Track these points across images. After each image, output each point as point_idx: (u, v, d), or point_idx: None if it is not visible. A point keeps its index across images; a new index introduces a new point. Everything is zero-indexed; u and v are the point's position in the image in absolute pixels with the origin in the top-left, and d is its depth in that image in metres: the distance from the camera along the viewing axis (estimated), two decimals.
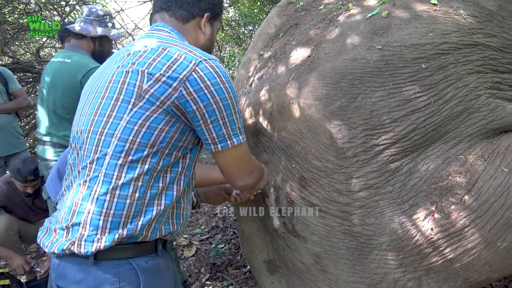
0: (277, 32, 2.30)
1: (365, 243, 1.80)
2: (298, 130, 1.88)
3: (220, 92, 1.25)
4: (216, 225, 3.87)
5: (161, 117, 1.23)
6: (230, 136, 1.31)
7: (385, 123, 1.71)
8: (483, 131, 1.72)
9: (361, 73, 1.75)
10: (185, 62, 1.22)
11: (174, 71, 1.21)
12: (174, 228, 1.37)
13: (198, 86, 1.22)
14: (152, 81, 1.21)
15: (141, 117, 1.21)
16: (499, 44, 1.80)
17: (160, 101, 1.21)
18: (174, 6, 1.42)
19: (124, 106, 1.23)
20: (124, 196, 1.22)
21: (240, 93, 2.35)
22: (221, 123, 1.28)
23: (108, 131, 1.23)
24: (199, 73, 1.22)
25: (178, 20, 1.43)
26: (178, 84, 1.20)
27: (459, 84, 1.70)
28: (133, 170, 1.22)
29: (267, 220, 2.19)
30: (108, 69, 1.34)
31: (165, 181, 1.29)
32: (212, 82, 1.23)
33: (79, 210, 1.23)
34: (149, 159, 1.24)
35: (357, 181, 1.78)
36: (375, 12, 1.85)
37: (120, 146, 1.22)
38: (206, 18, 1.47)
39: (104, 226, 1.21)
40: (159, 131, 1.23)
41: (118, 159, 1.22)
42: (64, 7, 5.67)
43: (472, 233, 1.59)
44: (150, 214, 1.26)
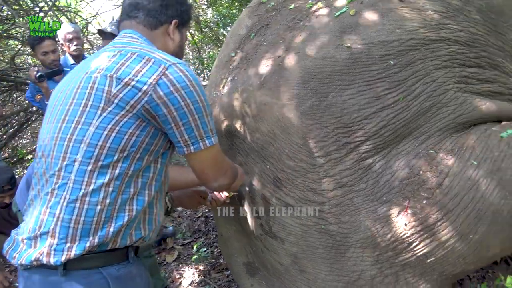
0: (249, 33, 2.28)
1: (341, 241, 1.80)
2: (271, 131, 1.87)
3: (190, 96, 1.25)
4: (198, 228, 3.84)
5: (131, 121, 1.22)
6: (203, 138, 1.31)
7: (356, 121, 1.71)
8: (452, 125, 1.73)
9: (330, 71, 1.75)
10: (154, 66, 1.22)
11: (143, 75, 1.21)
12: (146, 233, 1.35)
13: (168, 89, 1.21)
14: (121, 85, 1.20)
15: (111, 122, 1.20)
16: (465, 38, 1.82)
17: (130, 105, 1.21)
18: (141, 13, 1.42)
19: (93, 112, 1.21)
20: (95, 202, 1.20)
21: (213, 95, 2.33)
22: (193, 125, 1.28)
23: (76, 137, 1.22)
24: (168, 77, 1.22)
25: (146, 27, 1.43)
26: (148, 88, 1.20)
27: (427, 80, 1.72)
28: (104, 176, 1.21)
29: (244, 222, 2.17)
30: (76, 76, 1.32)
31: (137, 186, 1.28)
32: (182, 85, 1.23)
33: (47, 219, 1.20)
34: (120, 164, 1.23)
35: (331, 179, 1.78)
36: (343, 10, 1.85)
37: (89, 152, 1.20)
38: (174, 25, 1.47)
39: (74, 234, 1.19)
40: (129, 136, 1.22)
41: (88, 165, 1.20)
42: (38, 13, 5.57)
43: (445, 227, 1.60)
44: (122, 220, 1.25)
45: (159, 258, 3.47)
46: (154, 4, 1.42)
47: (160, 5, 1.43)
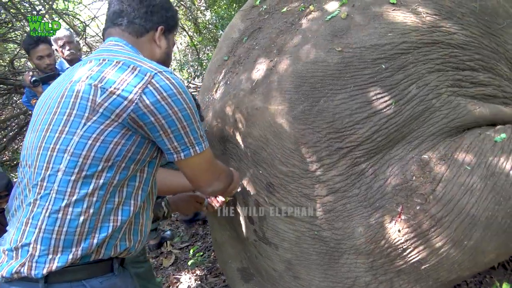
0: (241, 36, 2.27)
1: (335, 248, 1.78)
2: (263, 136, 1.85)
3: (178, 103, 1.23)
4: (196, 232, 3.82)
5: (117, 131, 1.20)
6: (193, 144, 1.30)
7: (348, 126, 1.69)
8: (445, 130, 1.71)
9: (322, 76, 1.72)
10: (140, 75, 1.21)
11: (129, 84, 1.19)
12: (131, 244, 1.33)
13: (155, 98, 1.20)
14: (106, 94, 1.18)
15: (95, 131, 1.19)
16: (459, 41, 1.79)
17: (115, 114, 1.19)
18: (126, 20, 1.41)
19: (77, 121, 1.20)
20: (78, 212, 1.18)
21: (205, 99, 2.31)
22: (182, 132, 1.27)
23: (60, 147, 1.20)
24: (155, 85, 1.20)
25: (132, 35, 1.41)
26: (134, 97, 1.18)
27: (420, 83, 1.69)
28: (87, 186, 1.19)
29: (239, 228, 2.16)
30: (60, 85, 1.30)
31: (122, 196, 1.26)
32: (169, 93, 1.22)
33: (29, 230, 1.18)
34: (104, 174, 1.21)
35: (323, 185, 1.76)
36: (335, 14, 1.83)
37: (73, 161, 1.18)
38: (160, 32, 1.46)
39: (56, 245, 1.17)
40: (114, 145, 1.21)
41: (71, 175, 1.18)
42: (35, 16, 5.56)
43: (439, 233, 1.58)
44: (106, 231, 1.22)
45: (156, 262, 3.45)
46: (139, 11, 1.41)
47: (145, 12, 1.41)
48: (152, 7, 1.43)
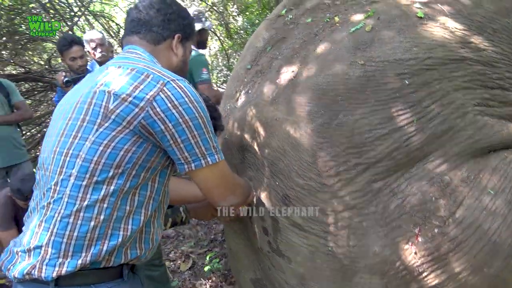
0: (265, 46, 2.25)
1: (349, 266, 1.73)
2: (281, 147, 1.83)
3: (189, 112, 1.23)
4: (215, 238, 3.83)
5: (128, 138, 1.21)
6: (204, 155, 1.28)
7: (367, 142, 1.64)
8: (469, 151, 1.64)
9: (343, 89, 1.69)
10: (152, 82, 1.22)
11: (141, 91, 1.20)
12: (142, 252, 1.33)
13: (166, 106, 1.20)
14: (118, 101, 1.20)
15: (107, 137, 1.20)
16: (488, 58, 1.72)
17: (127, 121, 1.20)
18: (144, 29, 1.42)
19: (90, 127, 1.21)
20: (89, 218, 1.19)
21: (227, 107, 2.31)
22: (193, 142, 1.25)
23: (73, 152, 1.22)
24: (166, 93, 1.21)
25: (149, 43, 1.43)
26: (145, 104, 1.19)
27: (444, 101, 1.63)
28: (98, 192, 1.20)
29: (253, 237, 2.13)
30: (78, 91, 1.33)
31: (133, 205, 1.27)
32: (180, 101, 1.22)
33: (42, 233, 1.21)
34: (115, 180, 1.22)
35: (340, 200, 1.72)
36: (359, 26, 1.79)
37: (84, 167, 1.20)
38: (177, 39, 1.47)
39: (66, 249, 1.19)
40: (124, 152, 1.21)
41: (83, 180, 1.20)
42: (73, 17, 5.75)
43: (457, 258, 1.51)
44: (116, 239, 1.23)
45: (174, 265, 3.48)
46: (157, 19, 1.42)
47: (163, 20, 1.43)
48: (169, 15, 1.44)
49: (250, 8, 6.66)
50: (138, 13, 1.43)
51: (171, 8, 1.46)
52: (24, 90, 6.94)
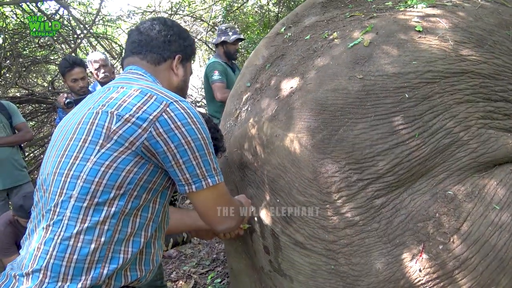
0: (264, 63, 2.25)
1: (352, 284, 1.69)
2: (281, 164, 1.81)
3: (192, 133, 1.23)
4: (217, 257, 3.77)
5: (130, 158, 1.20)
6: (205, 176, 1.27)
7: (368, 157, 1.62)
8: (473, 165, 1.61)
9: (342, 104, 1.67)
10: (155, 103, 1.21)
11: (144, 112, 1.20)
12: (142, 274, 1.30)
13: (169, 126, 1.20)
14: (121, 122, 1.19)
15: (108, 158, 1.19)
16: (490, 71, 1.70)
17: (129, 142, 1.19)
18: (144, 50, 1.43)
19: (92, 148, 1.20)
20: (89, 240, 1.17)
21: (227, 125, 2.30)
22: (194, 163, 1.25)
23: (74, 173, 1.20)
24: (169, 114, 1.21)
25: (150, 63, 1.43)
26: (148, 125, 1.19)
27: (446, 115, 1.61)
28: (99, 213, 1.18)
29: (254, 257, 2.09)
30: (79, 111, 1.32)
31: (134, 227, 1.25)
32: (183, 122, 1.22)
33: (41, 256, 1.17)
34: (116, 202, 1.20)
35: (342, 217, 1.68)
36: (358, 41, 1.79)
37: (85, 188, 1.18)
38: (178, 60, 1.47)
39: (66, 273, 1.16)
40: (126, 172, 1.20)
41: (83, 201, 1.18)
42: (76, 39, 5.82)
43: (463, 275, 1.46)
44: (116, 262, 1.21)
45: (175, 286, 3.41)
46: (157, 41, 1.43)
47: (163, 41, 1.44)
48: (170, 36, 1.45)
49: (251, 27, 6.72)
50: (139, 34, 1.44)
51: (172, 29, 1.47)
52: (27, 112, 6.99)
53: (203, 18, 7.92)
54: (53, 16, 6.03)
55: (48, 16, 6.01)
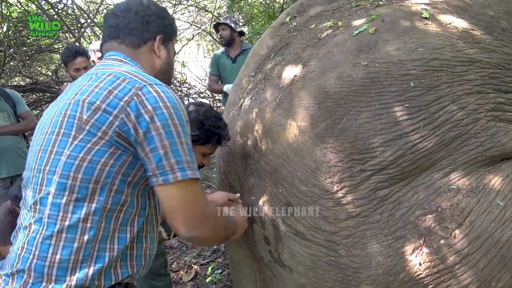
0: (269, 53, 2.22)
1: (351, 276, 1.66)
2: (284, 153, 1.78)
3: (161, 118, 1.12)
4: (218, 248, 3.76)
5: (104, 149, 1.12)
6: (173, 169, 1.12)
7: (372, 147, 1.58)
8: (480, 159, 1.56)
9: (346, 91, 1.64)
10: (127, 87, 1.14)
11: (115, 96, 1.12)
12: (134, 270, 1.24)
13: (139, 111, 1.11)
14: (92, 110, 1.12)
15: (82, 150, 1.12)
16: (499, 60, 1.66)
17: (102, 131, 1.12)
18: (122, 33, 1.35)
19: (65, 140, 1.14)
20: (72, 239, 1.11)
21: (230, 115, 2.27)
22: (161, 152, 1.11)
23: (50, 168, 1.14)
24: (140, 98, 1.12)
25: (129, 47, 1.35)
26: (119, 111, 1.11)
27: (454, 107, 1.56)
28: (79, 210, 1.12)
29: (254, 247, 2.07)
30: (57, 103, 1.26)
31: (117, 223, 1.18)
32: (154, 106, 1.12)
33: (24, 255, 1.13)
34: (96, 197, 1.13)
35: (343, 208, 1.65)
36: (363, 29, 1.75)
37: (62, 183, 1.12)
38: (159, 41, 1.39)
39: (49, 273, 1.11)
40: (102, 165, 1.12)
41: (62, 198, 1.12)
42: (79, 28, 5.79)
43: (464, 271, 1.43)
44: (102, 261, 1.15)
45: (176, 276, 3.41)
46: (135, 23, 1.35)
47: (141, 22, 1.36)
48: (148, 17, 1.37)
49: (256, 18, 6.66)
50: (115, 17, 1.36)
51: (149, 9, 1.38)
52: (31, 100, 6.98)
53: (207, 9, 7.87)
54: (57, 5, 6.00)
55: (52, 4, 5.98)
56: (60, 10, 6.13)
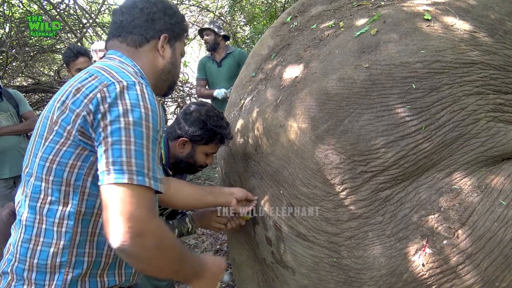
0: (270, 53, 2.22)
1: (354, 277, 1.66)
2: (285, 154, 1.78)
3: (137, 116, 1.03)
4: (220, 248, 3.76)
5: (71, 151, 1.08)
6: (132, 170, 0.99)
7: (373, 149, 1.58)
8: (481, 159, 1.57)
9: (347, 93, 1.64)
10: (95, 84, 1.08)
11: (81, 94, 1.07)
12: (122, 279, 1.21)
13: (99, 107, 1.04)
14: (61, 110, 1.09)
15: (52, 152, 1.09)
16: (501, 62, 1.66)
17: (67, 131, 1.08)
18: (125, 31, 1.30)
19: (39, 142, 1.13)
20: (48, 243, 1.10)
21: (231, 115, 2.27)
22: (123, 147, 1.00)
23: (29, 170, 1.14)
24: (104, 94, 1.05)
25: (130, 46, 1.29)
26: (82, 109, 1.05)
27: (455, 107, 1.57)
28: (53, 214, 1.10)
29: (257, 248, 2.07)
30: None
31: (96, 227, 1.14)
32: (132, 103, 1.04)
33: (8, 257, 1.14)
34: (70, 200, 1.10)
35: (345, 209, 1.66)
36: (364, 30, 1.74)
37: (37, 186, 1.10)
38: (164, 40, 1.32)
39: (29, 277, 1.10)
40: (70, 168, 1.09)
41: (37, 201, 1.10)
42: (81, 28, 5.80)
43: (467, 271, 1.43)
44: (81, 267, 1.12)
45: None
46: (139, 20, 1.29)
47: (146, 20, 1.30)
48: (153, 14, 1.31)
49: (257, 18, 6.66)
50: (121, 14, 1.31)
51: (155, 6, 1.32)
52: (34, 101, 7.00)
53: (209, 8, 7.87)
54: (59, 5, 6.01)
55: (54, 5, 5.99)
56: (62, 10, 6.14)
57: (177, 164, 2.04)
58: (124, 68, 1.17)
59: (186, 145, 1.98)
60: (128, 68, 1.20)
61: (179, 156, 2.01)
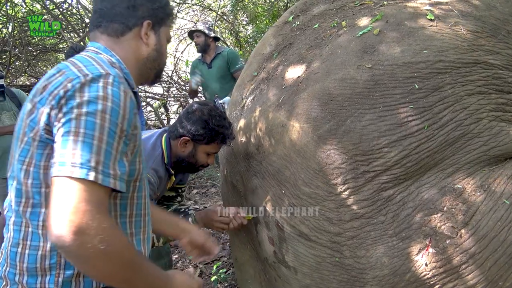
0: (272, 52, 2.22)
1: (356, 277, 1.66)
2: (287, 154, 1.78)
3: (92, 108, 0.96)
4: (223, 247, 3.76)
5: (40, 152, 1.03)
6: (75, 163, 0.92)
7: (376, 149, 1.58)
8: (484, 158, 1.57)
9: (350, 94, 1.64)
10: (60, 80, 1.02)
11: (46, 92, 1.02)
12: None
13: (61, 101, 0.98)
14: (30, 110, 1.05)
15: (27, 154, 1.05)
16: (503, 61, 1.66)
17: (34, 132, 1.03)
18: (105, 21, 1.22)
19: (16, 144, 1.09)
20: (35, 247, 1.07)
21: (233, 115, 2.27)
22: (71, 139, 0.93)
23: (11, 173, 1.12)
24: (67, 88, 0.99)
25: (111, 36, 1.21)
26: (45, 106, 1.00)
27: (457, 107, 1.57)
28: (37, 216, 1.06)
29: (259, 248, 2.08)
30: None
31: None
32: (91, 95, 0.98)
33: (1, 262, 1.12)
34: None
35: (347, 209, 1.66)
36: (367, 29, 1.74)
37: (18, 189, 1.08)
38: (148, 27, 1.24)
39: (21, 281, 1.08)
40: (43, 169, 1.04)
41: (20, 204, 1.07)
42: (84, 28, 5.81)
43: (470, 270, 1.43)
44: (72, 268, 1.08)
45: None
46: (119, 7, 1.21)
47: (127, 7, 1.22)
48: (135, 0, 1.23)
49: (260, 17, 6.66)
50: (100, 2, 1.24)
51: None
52: None
53: (211, 7, 7.87)
54: (62, 4, 6.02)
55: (56, 4, 6.00)
56: (65, 9, 6.15)
57: (178, 163, 2.05)
58: (95, 59, 1.11)
59: (188, 144, 1.99)
60: (102, 57, 1.15)
61: (181, 155, 2.02)
